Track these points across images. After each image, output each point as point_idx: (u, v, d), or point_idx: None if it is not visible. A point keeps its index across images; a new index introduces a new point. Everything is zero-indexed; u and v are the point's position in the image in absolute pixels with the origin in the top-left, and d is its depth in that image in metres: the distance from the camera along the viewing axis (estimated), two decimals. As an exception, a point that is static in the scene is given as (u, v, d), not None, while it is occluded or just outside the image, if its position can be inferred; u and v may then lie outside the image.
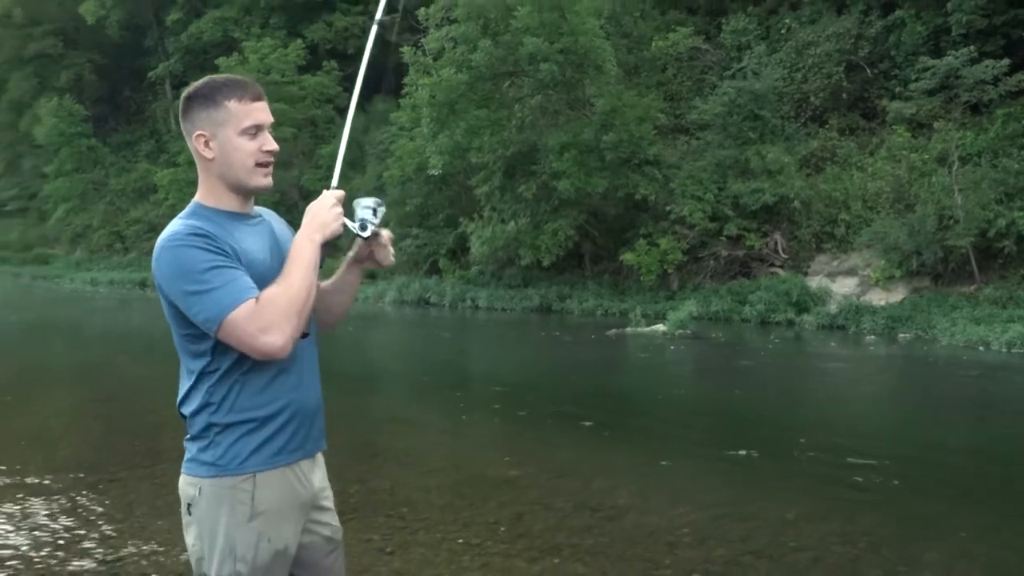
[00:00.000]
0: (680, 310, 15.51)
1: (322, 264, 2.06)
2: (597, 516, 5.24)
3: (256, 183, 2.06)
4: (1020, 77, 15.99)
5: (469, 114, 18.87)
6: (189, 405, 2.03)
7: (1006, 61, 16.10)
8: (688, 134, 20.06)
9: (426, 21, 21.32)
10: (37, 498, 5.58)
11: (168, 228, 1.99)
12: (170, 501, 2.70)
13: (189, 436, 2.04)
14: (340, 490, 5.29)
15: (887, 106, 17.75)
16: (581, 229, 19.11)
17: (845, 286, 16.56)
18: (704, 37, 21.37)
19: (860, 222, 16.68)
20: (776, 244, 17.82)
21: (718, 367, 12.23)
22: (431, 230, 22.83)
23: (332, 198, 2.08)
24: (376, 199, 2.13)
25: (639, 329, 15.09)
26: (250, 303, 1.90)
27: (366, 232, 2.10)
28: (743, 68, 19.47)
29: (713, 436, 7.78)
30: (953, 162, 15.66)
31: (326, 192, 2.10)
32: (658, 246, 17.85)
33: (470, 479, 6.17)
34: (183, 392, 2.04)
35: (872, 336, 14.46)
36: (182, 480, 2.05)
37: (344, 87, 29.62)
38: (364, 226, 2.10)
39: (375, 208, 2.12)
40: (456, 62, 19.17)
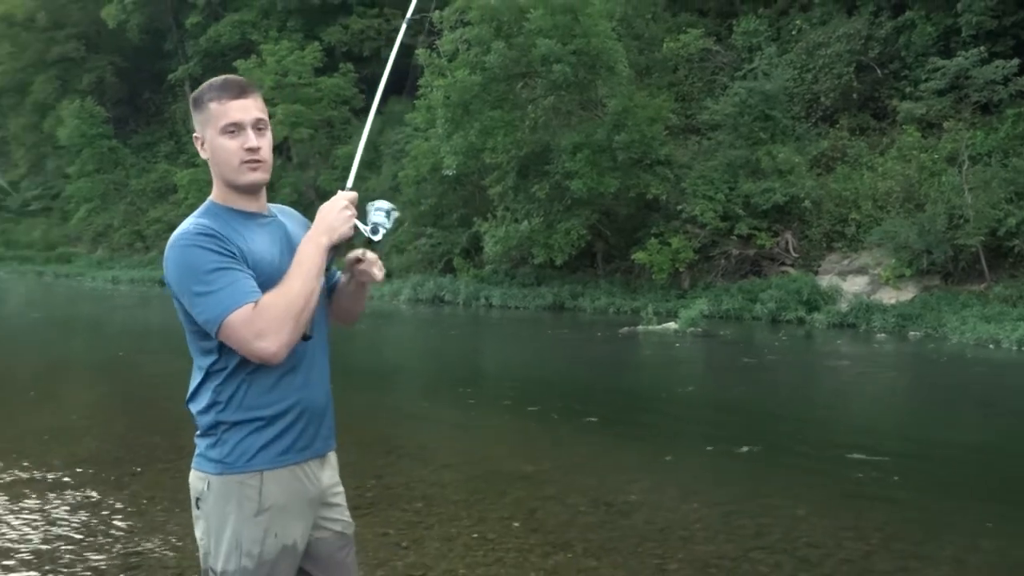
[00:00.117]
0: (691, 308, 15.64)
1: (329, 267, 2.06)
2: (610, 512, 5.28)
3: (244, 179, 2.06)
4: (1030, 77, 16.07)
5: (483, 115, 19.06)
6: (197, 402, 2.05)
7: (1016, 61, 16.16)
8: (699, 134, 20.17)
9: (440, 24, 21.55)
10: (60, 492, 5.65)
11: (180, 226, 2.02)
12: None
13: (199, 432, 2.06)
14: (357, 485, 5.58)
15: (897, 106, 17.81)
16: (593, 228, 19.25)
17: (855, 285, 16.63)
18: (715, 38, 21.47)
19: (870, 221, 16.75)
20: (787, 243, 17.93)
21: (729, 365, 12.29)
22: (445, 229, 23.04)
23: (344, 200, 2.06)
24: (390, 203, 2.11)
25: (651, 327, 15.23)
26: (248, 307, 1.91)
27: (377, 236, 2.08)
28: (754, 69, 19.56)
29: (723, 433, 7.77)
30: (963, 162, 15.70)
31: (340, 194, 2.09)
32: (670, 245, 17.96)
33: (484, 475, 6.23)
34: (192, 388, 2.07)
35: (882, 334, 14.50)
36: (192, 475, 2.07)
37: (360, 89, 29.91)
38: (376, 230, 2.08)
39: (388, 212, 2.10)
40: (470, 64, 19.38)
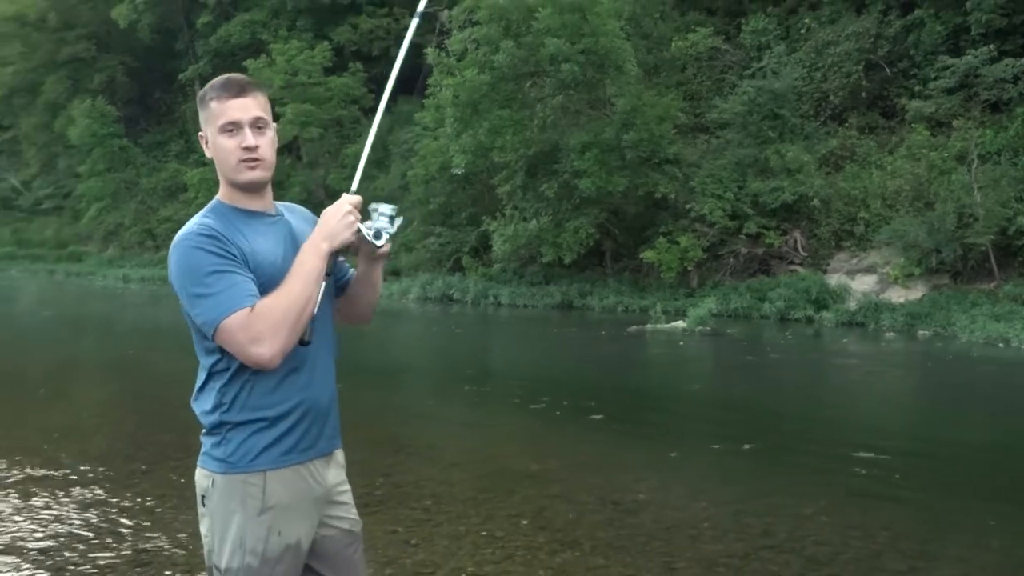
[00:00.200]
0: (700, 307, 15.65)
1: (330, 272, 2.04)
2: (618, 510, 5.29)
3: (242, 178, 2.05)
4: (1040, 75, 16.03)
5: (492, 114, 19.11)
6: (202, 402, 2.05)
7: (1025, 59, 16.15)
8: (708, 133, 20.17)
9: (449, 23, 21.62)
10: (69, 489, 5.68)
11: (185, 226, 2.02)
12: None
13: (204, 431, 2.06)
14: (366, 483, 5.56)
15: (906, 105, 17.79)
16: (602, 227, 19.27)
17: (864, 283, 16.62)
18: (724, 37, 21.44)
19: (879, 220, 16.73)
20: (795, 242, 17.92)
21: (737, 363, 12.31)
22: (454, 228, 23.10)
23: (347, 205, 2.03)
24: (394, 207, 2.08)
25: (659, 326, 15.26)
26: (244, 312, 1.90)
27: (381, 240, 2.07)
28: (763, 67, 19.54)
29: (731, 431, 7.77)
30: (972, 160, 15.69)
31: (344, 197, 2.07)
32: (678, 244, 17.98)
33: (493, 473, 6.24)
34: (196, 388, 2.07)
35: (891, 333, 14.50)
36: (197, 473, 2.07)
37: (369, 88, 30.00)
38: (379, 234, 2.06)
39: (392, 216, 2.07)
40: (479, 63, 19.42)
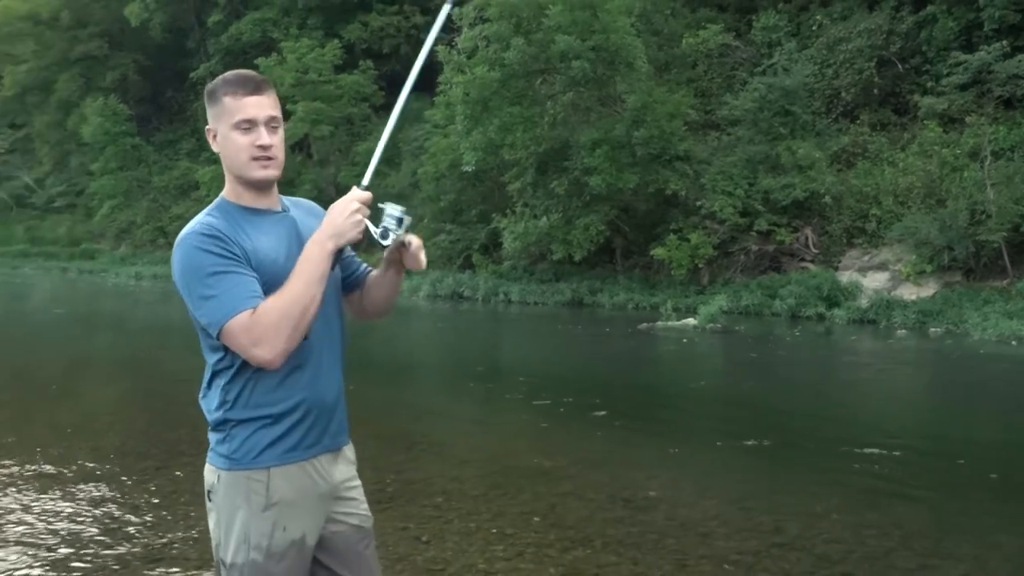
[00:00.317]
0: (710, 304, 15.64)
1: (334, 266, 2.03)
2: (629, 507, 5.29)
3: (254, 175, 2.04)
4: (1054, 71, 15.92)
5: (502, 111, 19.12)
6: (208, 399, 2.06)
7: (1039, 55, 16.04)
8: (719, 130, 20.11)
9: (459, 20, 21.62)
10: (83, 485, 5.71)
11: (188, 224, 2.02)
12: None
13: (210, 428, 2.07)
14: (377, 480, 5.61)
15: (919, 101, 17.69)
16: (612, 224, 19.25)
17: (876, 281, 16.56)
18: (734, 34, 21.37)
19: (891, 217, 16.66)
20: (806, 239, 17.87)
21: (748, 361, 12.30)
22: (464, 225, 23.12)
23: (356, 203, 2.00)
24: (403, 208, 2.06)
25: (670, 323, 15.26)
26: (246, 314, 1.90)
27: (387, 240, 2.05)
28: (774, 64, 19.48)
29: (743, 429, 7.75)
30: (985, 157, 15.59)
31: (353, 192, 2.03)
32: (688, 241, 17.96)
33: (503, 470, 6.25)
34: (203, 385, 2.08)
35: (903, 330, 14.44)
36: (206, 468, 2.09)
37: (380, 86, 30.05)
38: (386, 234, 2.04)
39: (400, 218, 2.05)
40: (489, 60, 19.43)
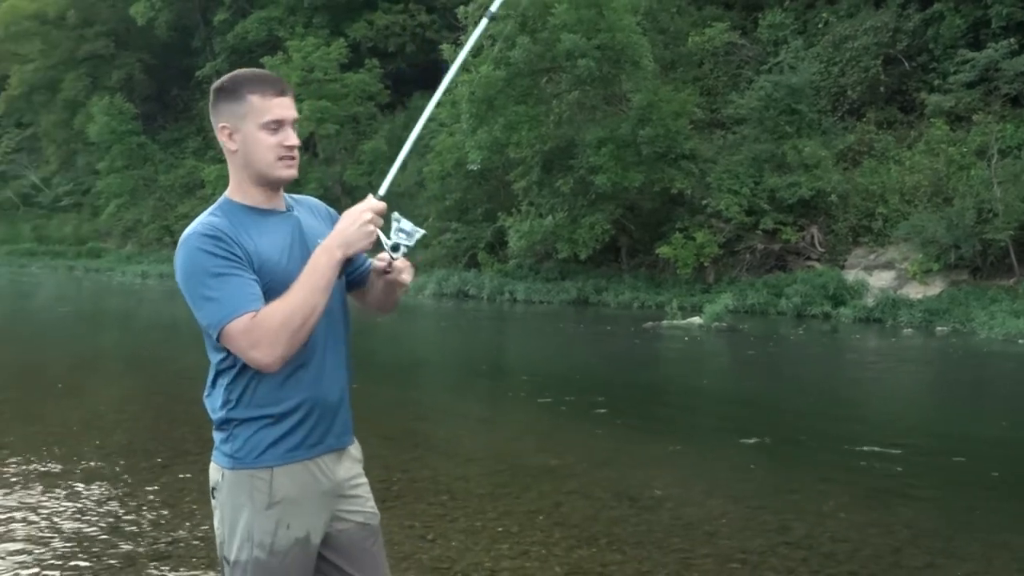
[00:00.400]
0: (716, 303, 15.62)
1: (342, 274, 2.03)
2: (635, 506, 5.28)
3: (278, 174, 2.05)
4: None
5: (507, 110, 19.12)
6: (212, 399, 2.06)
7: (1047, 53, 15.98)
8: (724, 128, 20.10)
9: (465, 19, 21.61)
10: (89, 483, 5.72)
11: (192, 224, 2.01)
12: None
13: (214, 426, 2.08)
14: (383, 478, 5.61)
15: (925, 99, 17.65)
16: (618, 223, 19.25)
17: (882, 279, 16.53)
18: (740, 32, 21.37)
19: (897, 216, 16.63)
20: (812, 237, 17.84)
21: (754, 359, 12.29)
22: (470, 224, 23.13)
23: (369, 213, 1.99)
24: (412, 224, 2.05)
25: (675, 322, 15.25)
26: (246, 317, 1.89)
27: (397, 254, 2.05)
28: (780, 62, 19.44)
29: (747, 428, 7.74)
30: (992, 155, 15.56)
31: (368, 201, 2.02)
32: (694, 240, 17.93)
33: (509, 468, 6.27)
34: (207, 384, 2.08)
35: (909, 329, 14.41)
36: (210, 466, 2.10)
37: (385, 84, 30.07)
38: (397, 247, 2.04)
39: (411, 233, 2.04)
40: (495, 59, 19.43)
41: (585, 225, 18.66)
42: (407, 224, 2.04)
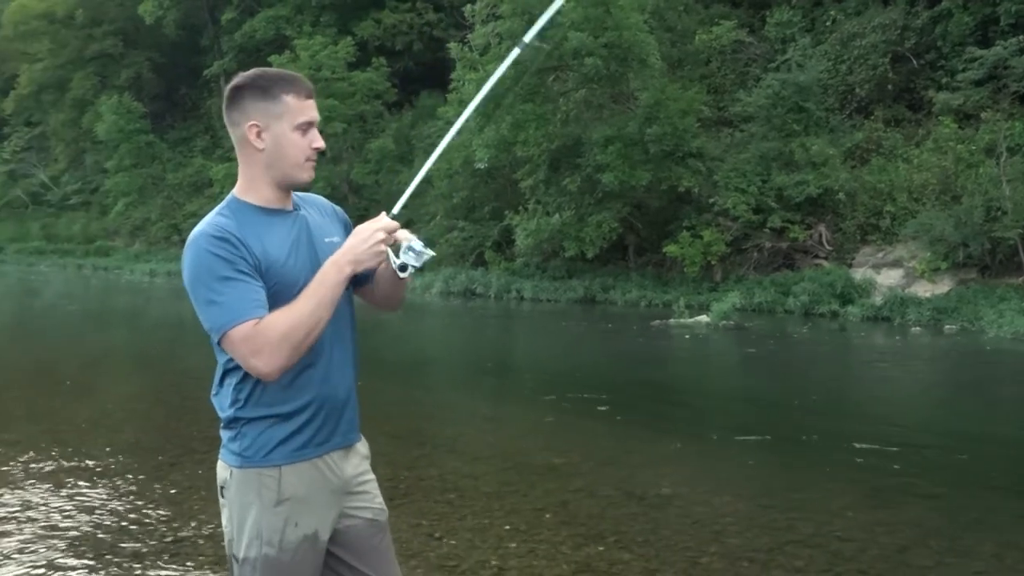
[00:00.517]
0: (723, 301, 15.60)
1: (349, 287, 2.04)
2: (642, 504, 5.28)
3: (304, 176, 2.06)
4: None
5: (515, 108, 19.10)
6: (220, 398, 2.07)
7: (1056, 51, 15.89)
8: (732, 127, 20.05)
9: (472, 17, 21.63)
10: (98, 480, 5.75)
11: (200, 224, 2.00)
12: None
13: (222, 425, 2.09)
14: (391, 476, 5.63)
15: (934, 97, 17.57)
16: (625, 221, 19.22)
17: (890, 278, 16.47)
18: (748, 30, 21.29)
19: (906, 214, 16.56)
20: (820, 236, 17.79)
21: (761, 358, 12.26)
22: (477, 222, 23.13)
23: (381, 232, 1.98)
24: (422, 243, 2.05)
25: (683, 320, 15.23)
26: (249, 324, 1.88)
27: (405, 273, 2.06)
28: (787, 60, 19.36)
29: (754, 426, 7.74)
30: (1001, 153, 15.47)
31: (382, 217, 2.02)
32: (701, 238, 17.90)
33: (516, 466, 6.28)
34: (214, 383, 2.09)
35: (917, 328, 14.35)
36: (218, 464, 2.10)
37: (392, 83, 30.10)
38: (404, 267, 2.05)
39: (419, 253, 2.04)
40: (502, 57, 19.38)
41: (592, 223, 18.64)
42: (418, 244, 2.04)
